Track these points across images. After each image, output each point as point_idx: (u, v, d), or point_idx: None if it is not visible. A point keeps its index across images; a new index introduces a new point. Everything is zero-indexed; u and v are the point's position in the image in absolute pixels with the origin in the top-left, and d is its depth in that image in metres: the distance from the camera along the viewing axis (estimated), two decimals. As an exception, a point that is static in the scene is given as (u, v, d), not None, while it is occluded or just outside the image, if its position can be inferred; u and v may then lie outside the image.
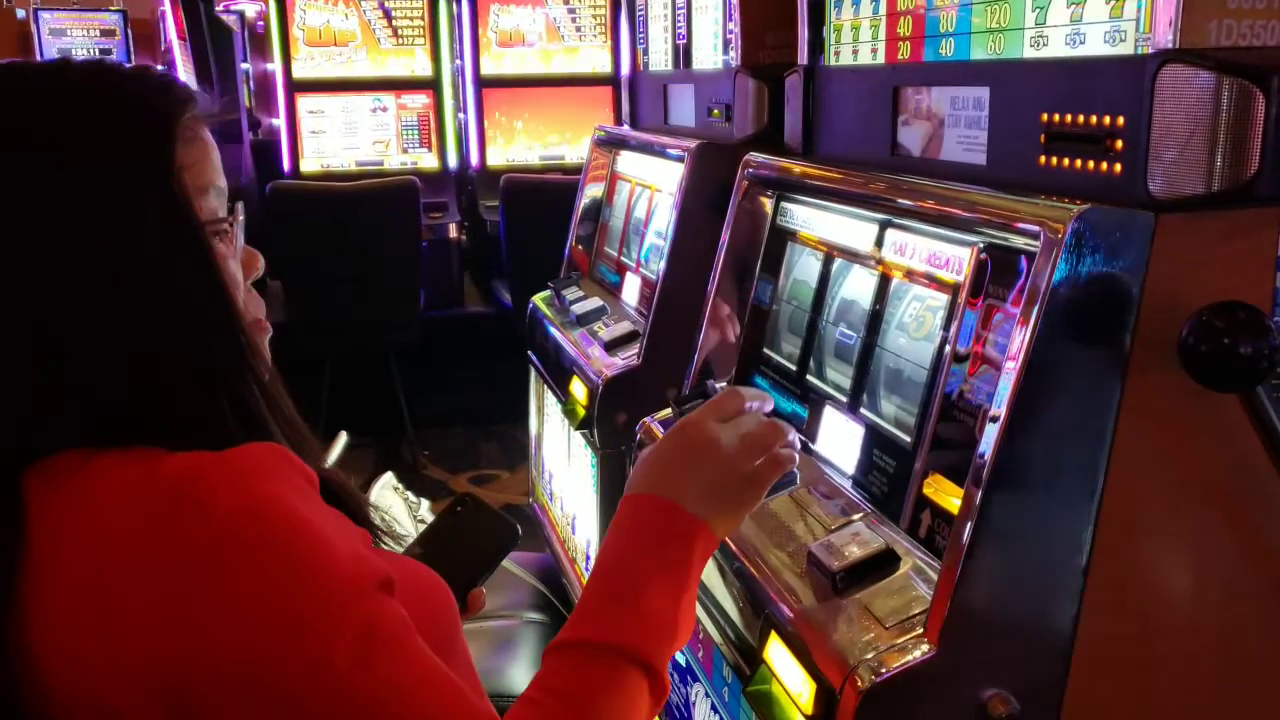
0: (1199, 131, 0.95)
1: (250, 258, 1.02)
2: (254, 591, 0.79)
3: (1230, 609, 1.07)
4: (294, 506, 0.84)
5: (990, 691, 1.01)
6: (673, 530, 0.98)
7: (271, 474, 0.85)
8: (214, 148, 0.96)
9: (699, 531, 0.99)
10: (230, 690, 0.78)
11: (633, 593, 0.94)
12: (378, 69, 5.28)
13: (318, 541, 0.83)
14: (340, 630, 0.80)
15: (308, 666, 0.79)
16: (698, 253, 1.89)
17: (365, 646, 0.81)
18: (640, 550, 0.98)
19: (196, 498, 0.81)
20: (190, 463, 0.84)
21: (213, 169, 0.95)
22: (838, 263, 1.49)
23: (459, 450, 4.83)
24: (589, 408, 2.00)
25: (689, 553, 0.97)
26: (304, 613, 0.80)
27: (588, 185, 2.66)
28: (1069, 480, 1.01)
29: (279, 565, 0.80)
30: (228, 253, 0.97)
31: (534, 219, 4.22)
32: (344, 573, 0.83)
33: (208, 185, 0.95)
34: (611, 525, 1.02)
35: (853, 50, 1.54)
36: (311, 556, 0.82)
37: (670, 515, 0.99)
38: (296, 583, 0.80)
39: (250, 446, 0.87)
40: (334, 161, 5.25)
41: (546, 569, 2.46)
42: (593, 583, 0.97)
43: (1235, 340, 0.91)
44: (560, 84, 5.39)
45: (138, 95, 0.92)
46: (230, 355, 0.93)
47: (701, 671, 1.48)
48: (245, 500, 0.81)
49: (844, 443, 1.36)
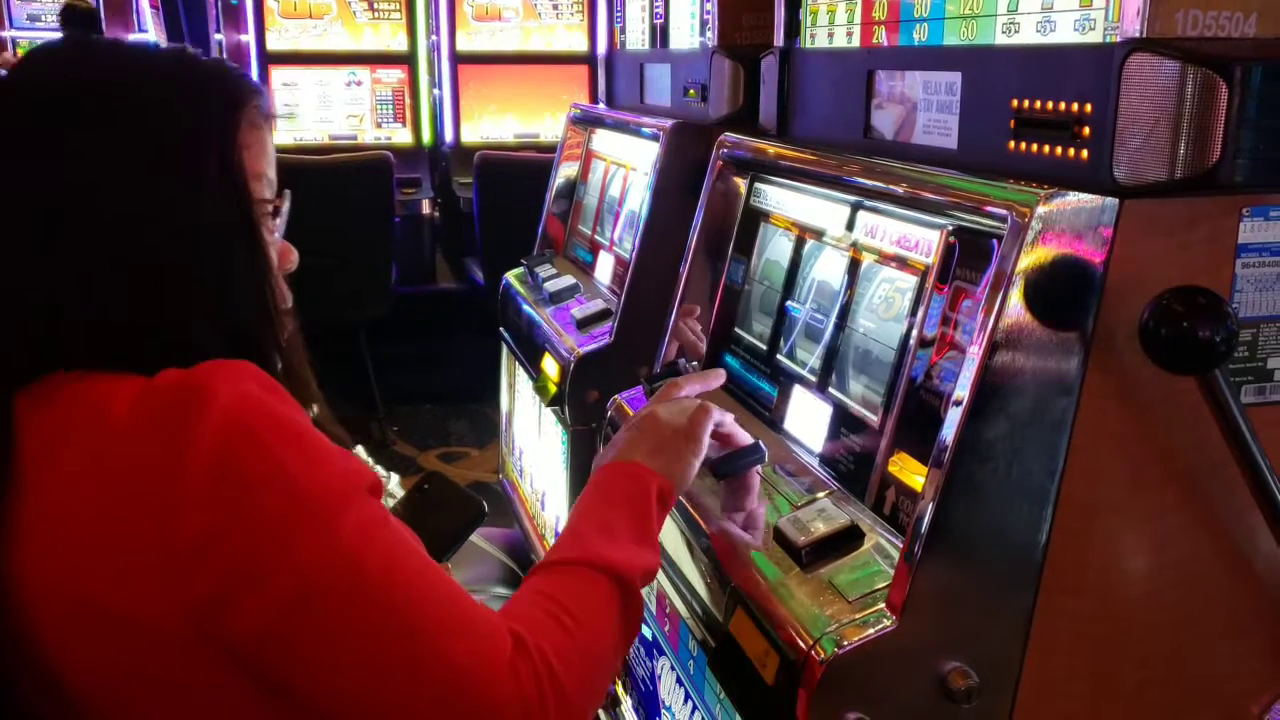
0: (1163, 119, 0.96)
1: (285, 250, 1.08)
2: (262, 477, 0.84)
3: (1185, 587, 1.09)
4: (291, 407, 0.90)
5: (950, 664, 1.04)
6: (629, 480, 1.13)
7: (267, 383, 0.90)
8: (271, 142, 1.05)
9: (651, 478, 1.13)
10: (245, 573, 0.82)
11: (602, 527, 1.07)
12: (353, 42, 5.24)
13: (315, 436, 0.89)
14: (344, 510, 0.86)
15: (316, 542, 0.84)
16: (671, 232, 1.90)
17: (367, 528, 0.87)
18: (604, 500, 1.12)
19: (198, 392, 0.85)
20: (188, 371, 0.88)
21: (267, 159, 1.03)
22: (809, 244, 1.50)
23: (428, 427, 4.82)
24: (560, 385, 2.01)
25: (646, 495, 1.11)
26: (311, 494, 0.85)
27: (563, 163, 2.66)
28: (1030, 461, 1.03)
29: (284, 452, 0.85)
30: (270, 237, 1.03)
31: (507, 196, 4.21)
32: (342, 466, 0.89)
33: (261, 171, 1.02)
34: (579, 497, 1.14)
35: (828, 33, 1.55)
36: (312, 448, 0.88)
37: (625, 470, 1.15)
38: (302, 468, 0.85)
39: (244, 362, 0.91)
40: (307, 135, 5.21)
41: (515, 544, 2.48)
42: (566, 528, 1.09)
43: (1194, 324, 0.93)
44: (536, 62, 5.38)
45: (218, 79, 1.02)
46: (259, 318, 0.98)
47: (668, 645, 1.50)
48: (245, 393, 0.86)
49: (812, 422, 1.38)
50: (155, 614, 0.83)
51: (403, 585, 0.87)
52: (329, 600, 0.84)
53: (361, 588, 0.85)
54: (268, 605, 0.83)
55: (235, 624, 0.83)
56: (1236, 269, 1.04)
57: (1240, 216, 1.02)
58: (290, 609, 0.83)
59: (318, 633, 0.84)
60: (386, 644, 0.85)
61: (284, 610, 0.83)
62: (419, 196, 4.95)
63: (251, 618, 0.83)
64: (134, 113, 0.96)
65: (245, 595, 0.82)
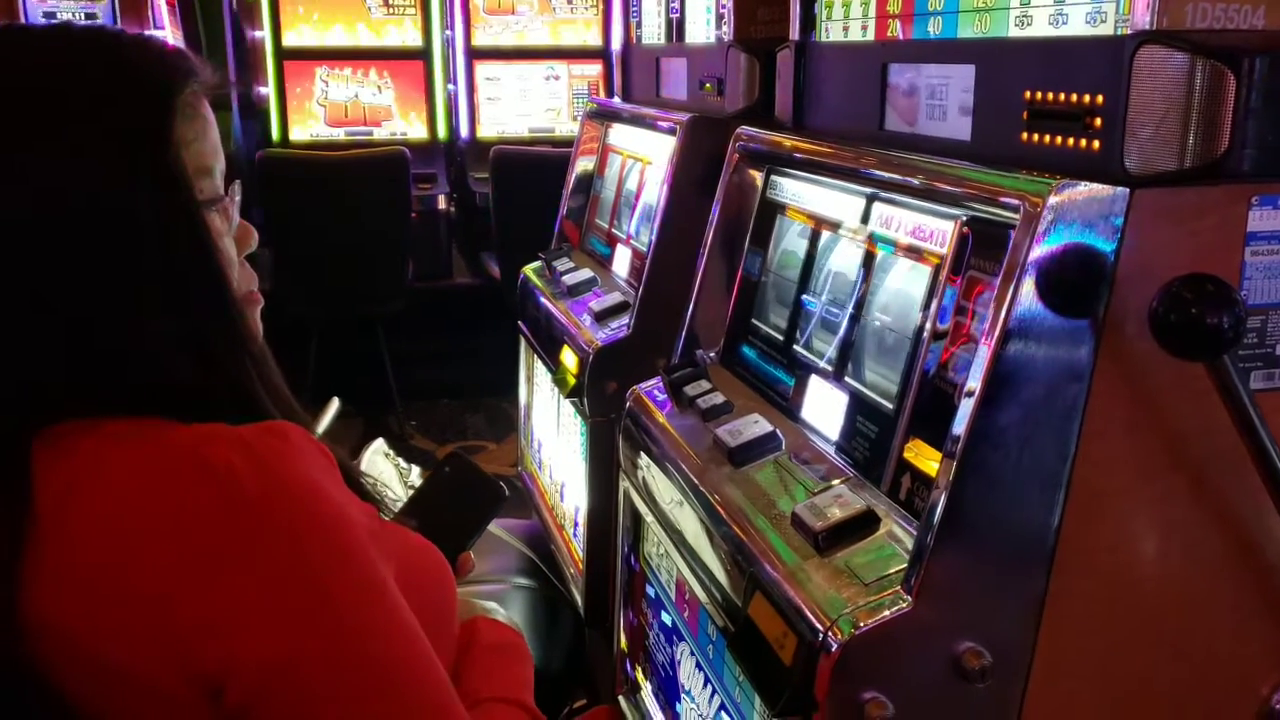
0: (1173, 110, 0.98)
1: (245, 232, 1.03)
2: (291, 577, 0.82)
3: (1194, 569, 1.11)
4: (322, 488, 0.87)
5: (964, 645, 1.06)
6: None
7: (298, 454, 0.87)
8: (213, 124, 0.97)
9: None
10: (257, 665, 0.81)
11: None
12: (371, 39, 5.28)
13: (346, 525, 0.86)
14: (370, 616, 0.85)
15: (342, 648, 0.83)
16: (688, 225, 1.92)
17: (387, 625, 0.86)
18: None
19: (225, 474, 0.82)
20: (209, 436, 0.85)
21: (211, 147, 0.96)
22: (825, 235, 1.52)
23: (445, 421, 4.86)
24: (579, 376, 2.04)
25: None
26: (339, 601, 0.83)
27: (579, 158, 2.68)
28: (1042, 447, 1.05)
29: (315, 552, 0.83)
30: (223, 229, 0.98)
31: (523, 191, 4.23)
32: (369, 558, 0.87)
33: (206, 163, 0.95)
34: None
35: (843, 27, 1.57)
36: (344, 542, 0.85)
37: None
38: (332, 571, 0.84)
39: (271, 424, 0.89)
40: (323, 131, 5.25)
41: (535, 536, 2.50)
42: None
43: (1203, 311, 0.95)
44: (550, 56, 5.40)
45: (138, 65, 0.92)
46: (222, 331, 0.94)
47: (687, 631, 1.52)
48: (277, 481, 0.84)
49: (828, 411, 1.40)
50: (154, 674, 0.81)
51: (399, 664, 0.86)
52: (320, 671, 0.83)
53: (356, 664, 0.84)
54: (263, 672, 0.81)
55: (231, 692, 0.81)
56: (1245, 257, 1.05)
57: (1249, 205, 1.04)
58: (283, 675, 0.82)
59: (306, 701, 0.83)
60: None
61: (276, 676, 0.82)
62: (435, 192, 4.99)
63: (241, 693, 0.81)
64: (41, 123, 0.85)
65: (238, 662, 0.81)
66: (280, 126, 5.21)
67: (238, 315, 0.97)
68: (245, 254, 1.04)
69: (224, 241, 0.98)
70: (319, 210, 4.34)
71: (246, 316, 1.00)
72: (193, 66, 0.96)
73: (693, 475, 1.44)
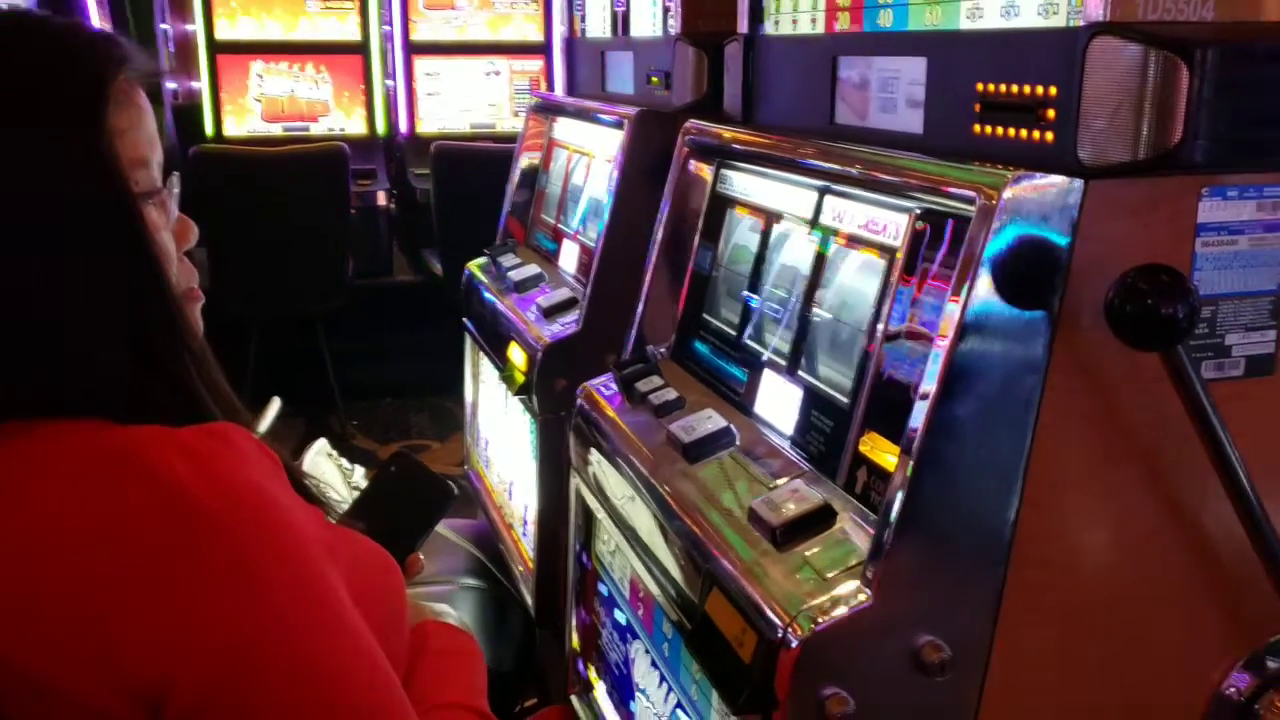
0: (1126, 101, 0.99)
1: (184, 227, 1.00)
2: (237, 589, 0.79)
3: (1146, 559, 1.12)
4: (268, 493, 0.84)
5: (924, 638, 1.05)
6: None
7: (242, 458, 0.84)
8: (149, 112, 0.94)
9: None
10: (201, 680, 0.78)
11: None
12: (309, 32, 5.19)
13: (294, 532, 0.84)
14: (319, 627, 0.82)
15: (288, 659, 0.80)
16: (636, 219, 1.90)
17: (335, 634, 0.83)
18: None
19: (166, 479, 0.79)
20: (149, 438, 0.82)
21: (147, 137, 0.93)
22: (777, 229, 1.51)
23: (388, 420, 4.81)
24: (528, 373, 2.02)
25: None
26: (287, 612, 0.81)
27: (524, 152, 2.65)
28: (999, 440, 1.05)
29: (261, 562, 0.80)
30: (161, 223, 0.95)
31: (465, 187, 4.20)
32: (318, 566, 0.84)
33: (141, 154, 0.92)
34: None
35: (792, 20, 1.56)
36: (291, 550, 0.83)
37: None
38: (280, 582, 0.81)
39: (213, 426, 0.86)
40: (260, 126, 5.16)
41: (482, 535, 2.47)
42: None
43: (1158, 302, 0.96)
44: (491, 51, 5.36)
45: (68, 51, 0.89)
46: (162, 329, 0.91)
47: (642, 629, 1.51)
48: (221, 486, 0.81)
49: (782, 405, 1.39)
50: (94, 694, 0.77)
51: (348, 675, 0.84)
52: (267, 684, 0.80)
53: (304, 677, 0.81)
54: (206, 685, 0.78)
55: (173, 706, 0.78)
56: (1196, 248, 1.06)
57: (1200, 196, 1.05)
58: (228, 690, 0.79)
59: (252, 713, 0.80)
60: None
61: (221, 691, 0.78)
62: (374, 188, 4.93)
63: (184, 708, 0.77)
64: None
65: (181, 676, 0.77)
66: (215, 122, 5.11)
67: (177, 312, 0.94)
68: (185, 249, 1.01)
69: (161, 236, 0.95)
70: (256, 207, 4.27)
71: (186, 314, 0.97)
72: (126, 53, 0.93)
73: (646, 471, 1.43)
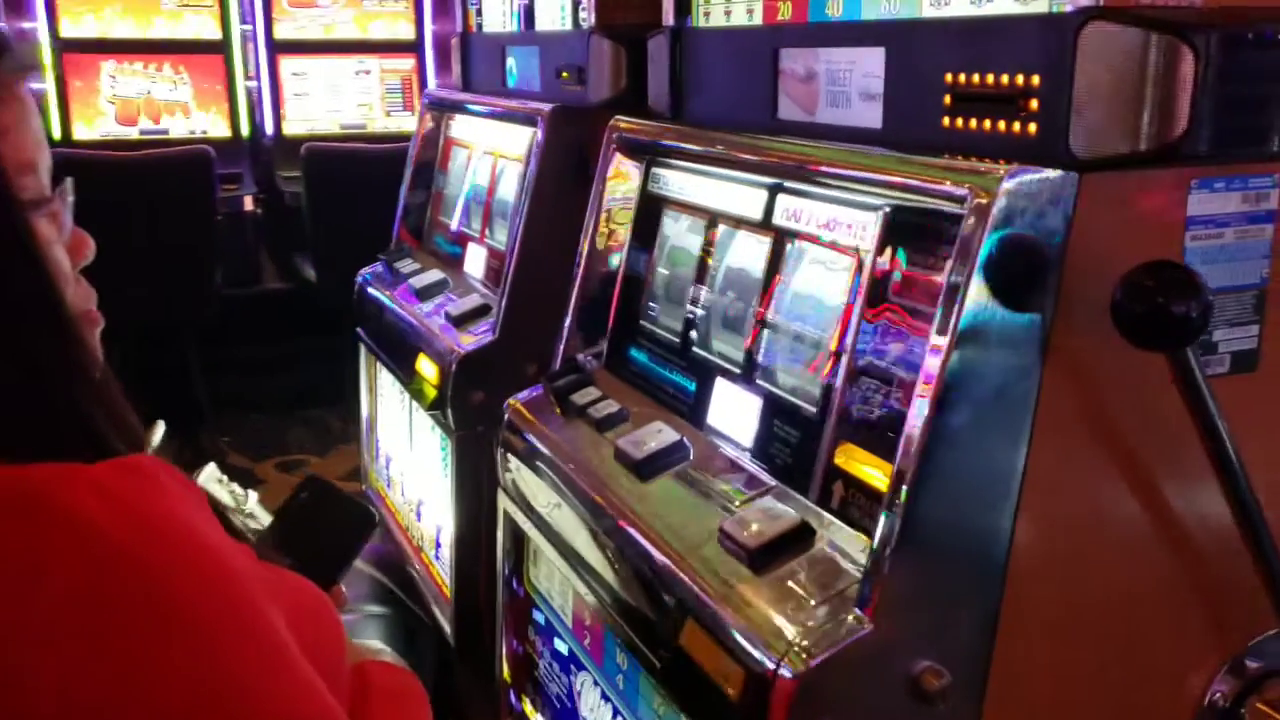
0: (1124, 90, 0.94)
1: (79, 241, 0.91)
2: (173, 640, 0.70)
3: (1137, 566, 1.08)
4: (197, 530, 0.75)
5: (922, 664, 0.99)
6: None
7: (163, 493, 0.76)
8: (34, 111, 0.85)
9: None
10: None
11: None
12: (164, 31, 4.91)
13: (230, 572, 0.75)
14: (266, 674, 0.74)
15: (234, 713, 0.72)
16: (554, 221, 1.81)
17: (286, 687, 0.75)
18: None
19: (82, 522, 0.70)
20: (56, 477, 0.72)
21: (34, 139, 0.84)
22: (722, 229, 1.43)
23: (263, 435, 4.57)
24: (441, 387, 1.89)
25: None
26: (230, 661, 0.72)
27: (419, 152, 2.52)
28: (996, 446, 1.00)
29: (198, 608, 0.72)
30: (52, 236, 0.85)
31: (339, 189, 4.05)
32: (259, 608, 0.76)
33: (28, 157, 0.83)
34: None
35: (725, 10, 1.49)
36: (229, 591, 0.74)
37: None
38: (220, 628, 0.73)
39: (125, 460, 0.77)
40: (114, 129, 4.85)
41: (385, 559, 2.34)
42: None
43: (1169, 300, 0.91)
44: (360, 50, 5.17)
45: None
46: (56, 355, 0.81)
47: (589, 660, 1.41)
48: (146, 526, 0.72)
49: (740, 416, 1.31)
50: None
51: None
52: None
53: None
54: None
55: None
56: (1185, 242, 1.03)
57: (1189, 189, 1.01)
58: None
59: None
60: None
61: None
62: (240, 192, 4.69)
63: None
64: None
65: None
66: (62, 124, 4.77)
67: (74, 338, 0.83)
68: (80, 266, 0.91)
69: (54, 250, 0.85)
70: (115, 214, 3.95)
71: (85, 339, 0.87)
72: (4, 43, 0.83)
73: (593, 493, 1.33)
